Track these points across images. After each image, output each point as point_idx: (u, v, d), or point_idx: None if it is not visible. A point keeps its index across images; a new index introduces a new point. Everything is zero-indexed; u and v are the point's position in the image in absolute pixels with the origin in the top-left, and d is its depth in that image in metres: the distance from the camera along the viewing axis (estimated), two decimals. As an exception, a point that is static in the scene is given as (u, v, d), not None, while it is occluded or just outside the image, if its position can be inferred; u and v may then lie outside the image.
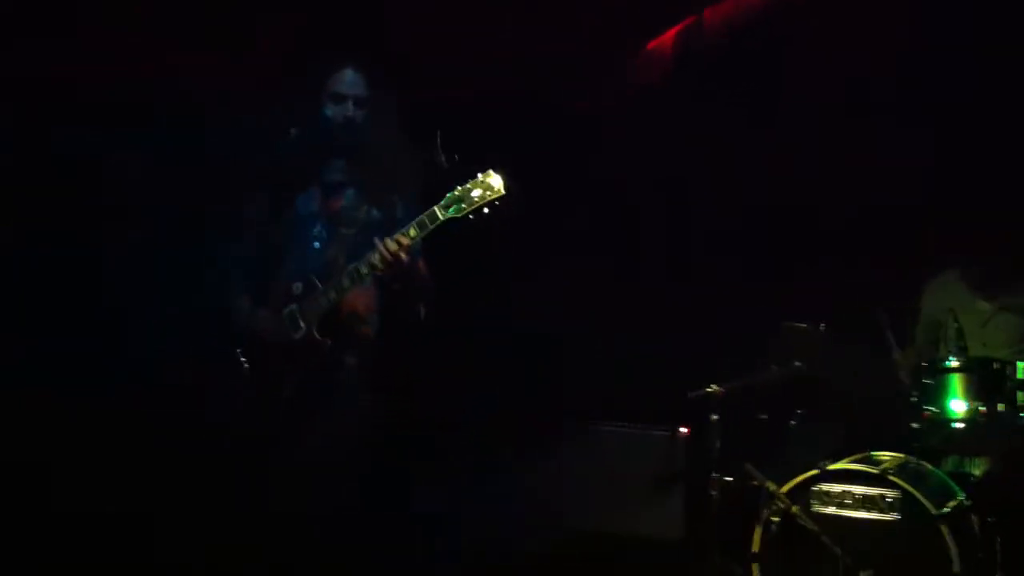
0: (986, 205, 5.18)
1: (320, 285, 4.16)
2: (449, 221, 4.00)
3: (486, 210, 3.95)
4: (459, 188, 3.97)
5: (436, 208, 4.00)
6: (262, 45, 5.52)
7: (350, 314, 4.23)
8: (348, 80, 4.25)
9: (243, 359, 4.25)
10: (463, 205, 3.96)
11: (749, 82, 6.05)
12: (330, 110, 4.24)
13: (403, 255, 4.02)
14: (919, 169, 5.60)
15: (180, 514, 4.78)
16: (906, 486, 4.38)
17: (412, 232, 4.02)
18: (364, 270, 4.08)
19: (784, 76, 5.97)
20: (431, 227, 4.00)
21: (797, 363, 4.92)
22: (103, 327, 5.12)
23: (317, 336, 4.16)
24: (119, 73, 5.15)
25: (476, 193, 3.95)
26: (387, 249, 4.02)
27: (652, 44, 6.66)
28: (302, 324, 4.18)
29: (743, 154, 6.02)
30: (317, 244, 4.26)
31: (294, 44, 5.43)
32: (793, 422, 5.15)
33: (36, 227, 5.02)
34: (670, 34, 6.60)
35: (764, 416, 5.23)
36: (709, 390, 4.81)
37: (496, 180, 3.95)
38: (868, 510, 4.45)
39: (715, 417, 4.82)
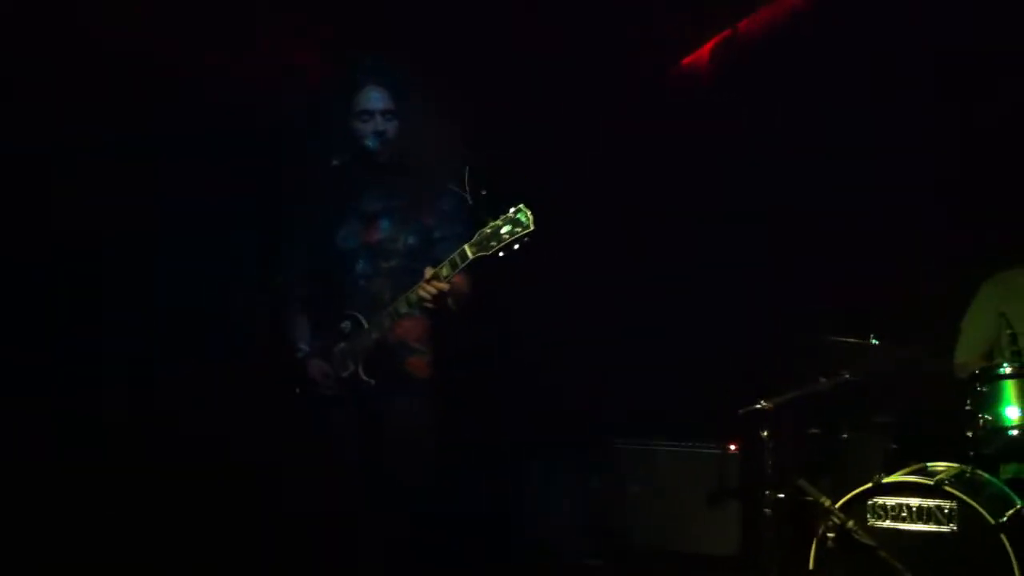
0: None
1: (366, 324, 4.19)
2: (479, 259, 3.95)
3: (516, 247, 3.88)
4: (490, 225, 3.90)
5: (467, 247, 3.95)
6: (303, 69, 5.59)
7: (400, 346, 4.24)
8: (373, 97, 4.30)
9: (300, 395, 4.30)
10: (493, 243, 3.89)
11: (785, 91, 6.02)
12: (359, 129, 4.29)
13: (438, 293, 4.03)
14: (971, 171, 5.54)
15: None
16: (963, 496, 4.31)
17: (444, 272, 4.01)
18: (403, 309, 4.11)
19: (818, 83, 5.91)
20: (462, 265, 3.98)
21: (846, 375, 4.85)
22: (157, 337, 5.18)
23: (363, 376, 4.19)
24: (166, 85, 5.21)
25: (506, 230, 3.87)
26: (424, 293, 4.04)
27: (688, 59, 6.65)
28: (350, 364, 4.21)
29: (786, 163, 5.99)
30: (362, 281, 4.29)
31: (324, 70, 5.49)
32: (845, 435, 5.08)
33: (97, 235, 5.07)
34: (706, 48, 6.59)
35: (815, 430, 5.17)
36: (759, 406, 4.76)
37: (526, 215, 3.85)
38: (925, 522, 4.38)
39: (765, 433, 4.77)
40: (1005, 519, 4.26)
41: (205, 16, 5.16)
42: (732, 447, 5.53)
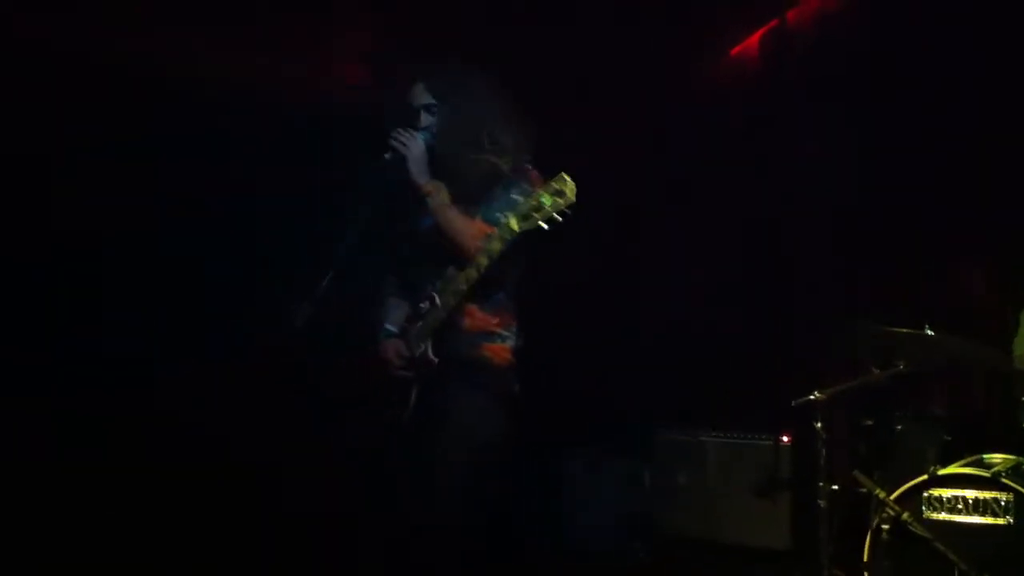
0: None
1: (439, 302, 4.19)
2: (525, 232, 3.86)
3: (560, 219, 3.79)
4: (534, 196, 3.82)
5: (511, 219, 3.87)
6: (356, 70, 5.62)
7: (478, 332, 4.21)
8: (416, 92, 4.29)
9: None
10: (535, 215, 3.81)
11: (837, 82, 5.98)
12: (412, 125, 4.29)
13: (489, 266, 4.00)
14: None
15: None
16: (1020, 488, 4.27)
17: (496, 246, 3.95)
18: (463, 287, 4.10)
19: (871, 73, 5.87)
20: (511, 240, 3.91)
21: (900, 365, 4.81)
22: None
23: (431, 355, 4.19)
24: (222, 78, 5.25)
25: (548, 202, 3.78)
26: (470, 277, 4.03)
27: (737, 49, 6.63)
28: (421, 343, 4.22)
29: (836, 155, 5.95)
30: (439, 267, 4.24)
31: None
32: (899, 426, 5.04)
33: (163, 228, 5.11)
34: (755, 38, 6.56)
35: (870, 422, 5.14)
36: (812, 397, 4.73)
37: (569, 185, 3.76)
38: (981, 514, 4.35)
39: (819, 424, 4.74)
40: (1062, 512, 4.22)
41: (238, 14, 5.21)
42: (785, 439, 5.50)
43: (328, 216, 4.62)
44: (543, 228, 3.82)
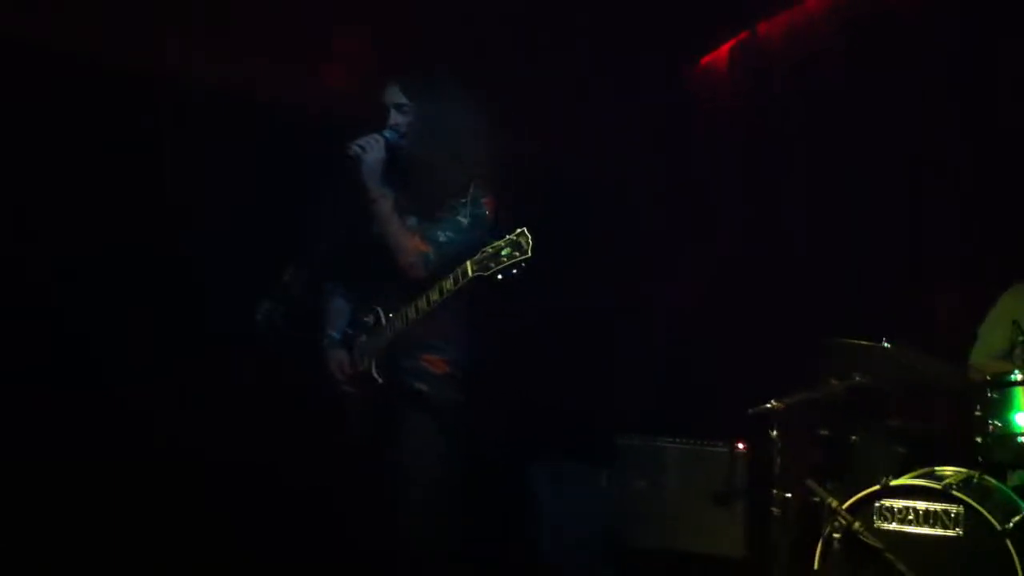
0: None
1: (384, 321, 4.21)
2: (477, 278, 3.95)
3: (514, 271, 3.89)
4: (492, 245, 3.91)
5: (468, 264, 3.96)
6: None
7: (417, 343, 4.25)
8: (390, 91, 4.31)
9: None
10: (492, 264, 3.90)
11: (806, 94, 6.03)
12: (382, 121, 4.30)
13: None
14: (992, 181, 5.53)
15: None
16: (970, 501, 4.31)
17: (448, 286, 4.03)
18: (412, 315, 4.14)
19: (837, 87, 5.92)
20: (463, 282, 3.99)
21: (858, 377, 4.85)
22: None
23: (375, 374, 4.22)
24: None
25: (505, 252, 3.88)
26: (420, 308, 4.10)
27: (707, 58, 6.67)
28: (365, 359, 4.24)
29: (802, 165, 5.99)
30: (386, 276, 4.26)
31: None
32: (854, 437, 5.08)
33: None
34: (724, 48, 6.60)
35: (825, 432, 5.17)
36: (769, 405, 4.77)
37: (526, 240, 3.86)
38: (932, 526, 4.38)
39: (775, 433, 4.78)
40: (1011, 525, 4.25)
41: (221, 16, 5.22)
42: (741, 446, 5.52)
43: (295, 213, 4.64)
44: (497, 278, 3.91)
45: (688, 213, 6.28)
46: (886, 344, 4.78)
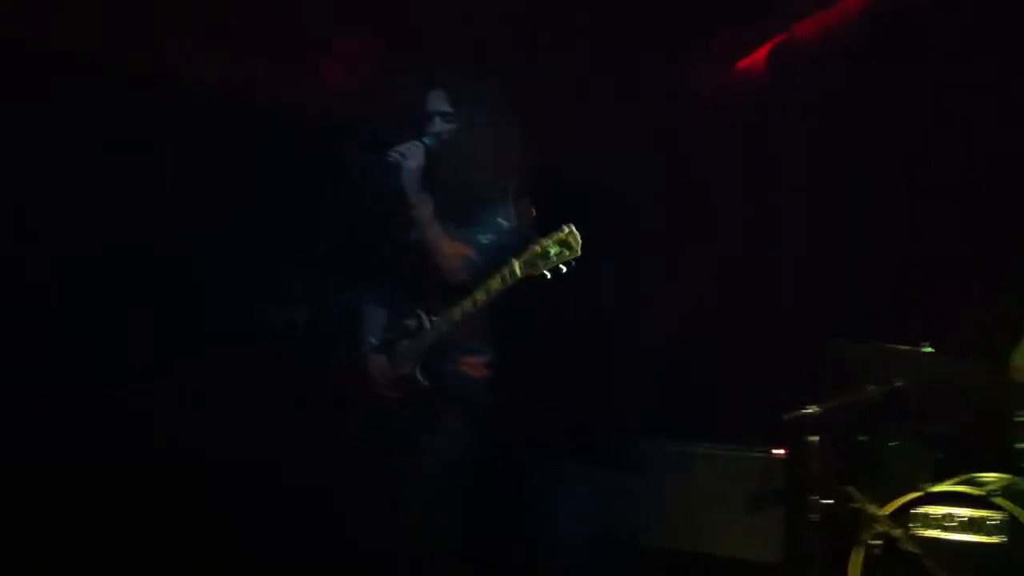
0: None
1: (428, 324, 4.21)
2: (527, 277, 3.93)
3: (563, 269, 3.86)
4: (540, 243, 3.87)
5: (516, 263, 3.92)
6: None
7: (455, 346, 4.24)
8: (432, 97, 4.32)
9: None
10: (540, 263, 3.87)
11: (843, 97, 5.98)
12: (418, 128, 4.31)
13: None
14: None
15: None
16: (1011, 508, 4.26)
17: (495, 285, 4.00)
18: (457, 317, 4.12)
19: (876, 89, 5.87)
20: (511, 282, 3.96)
21: (897, 383, 4.80)
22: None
23: (419, 376, 4.20)
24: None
25: (555, 251, 3.84)
26: (466, 309, 4.08)
27: (744, 63, 6.64)
28: (408, 363, 4.23)
29: (841, 168, 5.94)
30: (426, 281, 4.26)
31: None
32: (893, 443, 5.03)
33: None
34: (762, 52, 6.56)
35: (864, 437, 5.12)
36: (806, 411, 4.72)
37: (575, 239, 3.83)
38: (972, 533, 4.33)
39: (813, 438, 4.73)
40: (1054, 532, 4.20)
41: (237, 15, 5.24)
42: (777, 452, 5.48)
43: (309, 217, 4.64)
44: (546, 276, 3.89)
45: (688, 213, 6.26)
46: (926, 348, 4.74)
